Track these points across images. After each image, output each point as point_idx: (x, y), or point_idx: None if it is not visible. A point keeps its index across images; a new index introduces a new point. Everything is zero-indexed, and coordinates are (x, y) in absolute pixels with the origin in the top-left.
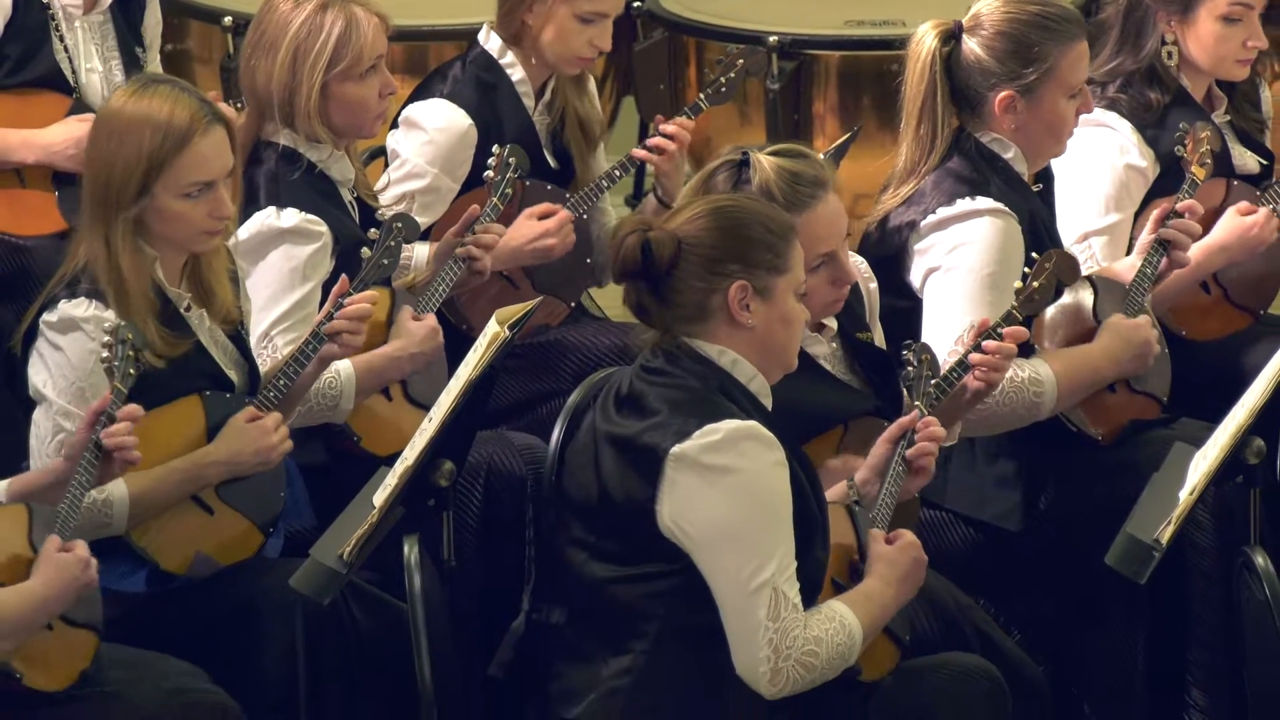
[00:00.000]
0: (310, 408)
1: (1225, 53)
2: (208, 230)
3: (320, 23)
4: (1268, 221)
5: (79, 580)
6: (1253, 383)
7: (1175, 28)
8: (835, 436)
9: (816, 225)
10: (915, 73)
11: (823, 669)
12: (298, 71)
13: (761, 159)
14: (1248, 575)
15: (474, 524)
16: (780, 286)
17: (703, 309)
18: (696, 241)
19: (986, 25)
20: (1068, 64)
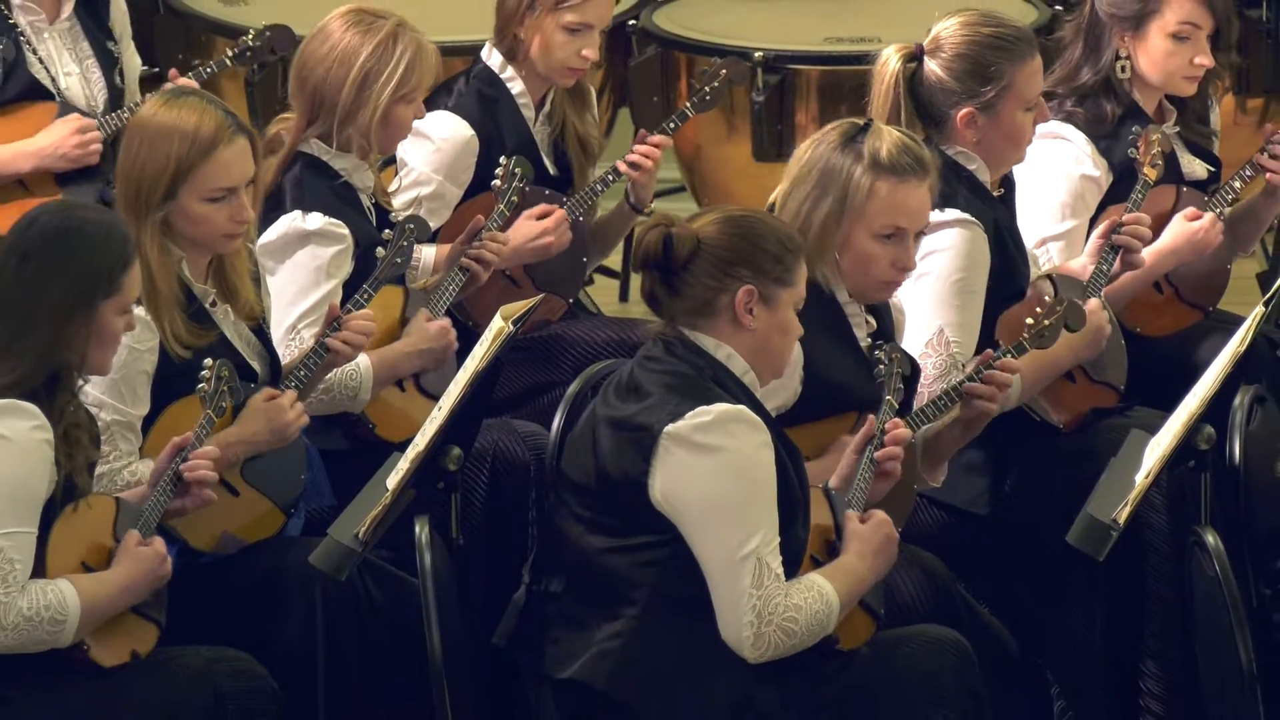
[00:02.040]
0: (332, 397)
1: (1174, 68)
2: (229, 233)
3: (393, 50)
4: (1213, 226)
5: (155, 573)
6: (1203, 374)
7: (1129, 43)
8: (849, 421)
9: (901, 196)
10: (880, 94)
11: (802, 635)
12: (366, 90)
13: (883, 128)
14: (1199, 553)
15: (480, 505)
16: (783, 298)
17: (710, 305)
18: (714, 243)
19: (946, 47)
20: (1023, 80)
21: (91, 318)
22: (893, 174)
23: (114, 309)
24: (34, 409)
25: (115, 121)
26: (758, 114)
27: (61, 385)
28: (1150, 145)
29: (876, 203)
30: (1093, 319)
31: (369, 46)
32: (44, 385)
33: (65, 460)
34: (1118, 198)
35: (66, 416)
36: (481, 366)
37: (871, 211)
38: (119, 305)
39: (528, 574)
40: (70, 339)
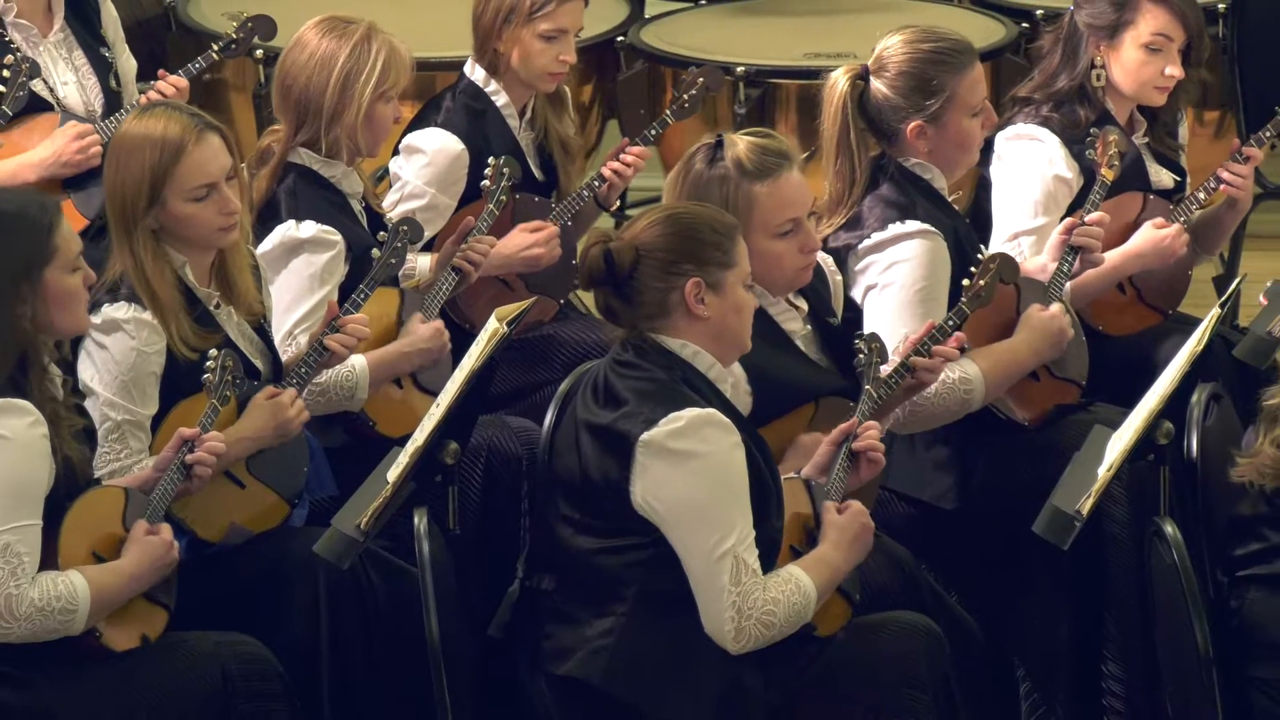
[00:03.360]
0: (330, 398)
1: (1146, 78)
2: (221, 226)
3: (369, 50)
4: (1178, 235)
5: (163, 560)
6: (1162, 372)
7: (1104, 52)
8: (807, 413)
9: (784, 191)
10: (830, 115)
11: (781, 626)
12: (348, 91)
13: (734, 137)
14: (1158, 542)
15: (476, 497)
16: (729, 280)
17: (663, 305)
18: (653, 247)
19: (890, 66)
20: (965, 89)
21: (37, 287)
22: (763, 175)
23: (59, 270)
24: (27, 405)
25: (114, 125)
26: (739, 126)
27: (32, 364)
28: (1108, 146)
29: (761, 207)
30: (1053, 323)
31: (346, 49)
32: (18, 369)
33: (56, 440)
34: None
35: (45, 393)
36: (477, 365)
37: (761, 217)
38: (63, 265)
39: (521, 569)
40: (24, 314)
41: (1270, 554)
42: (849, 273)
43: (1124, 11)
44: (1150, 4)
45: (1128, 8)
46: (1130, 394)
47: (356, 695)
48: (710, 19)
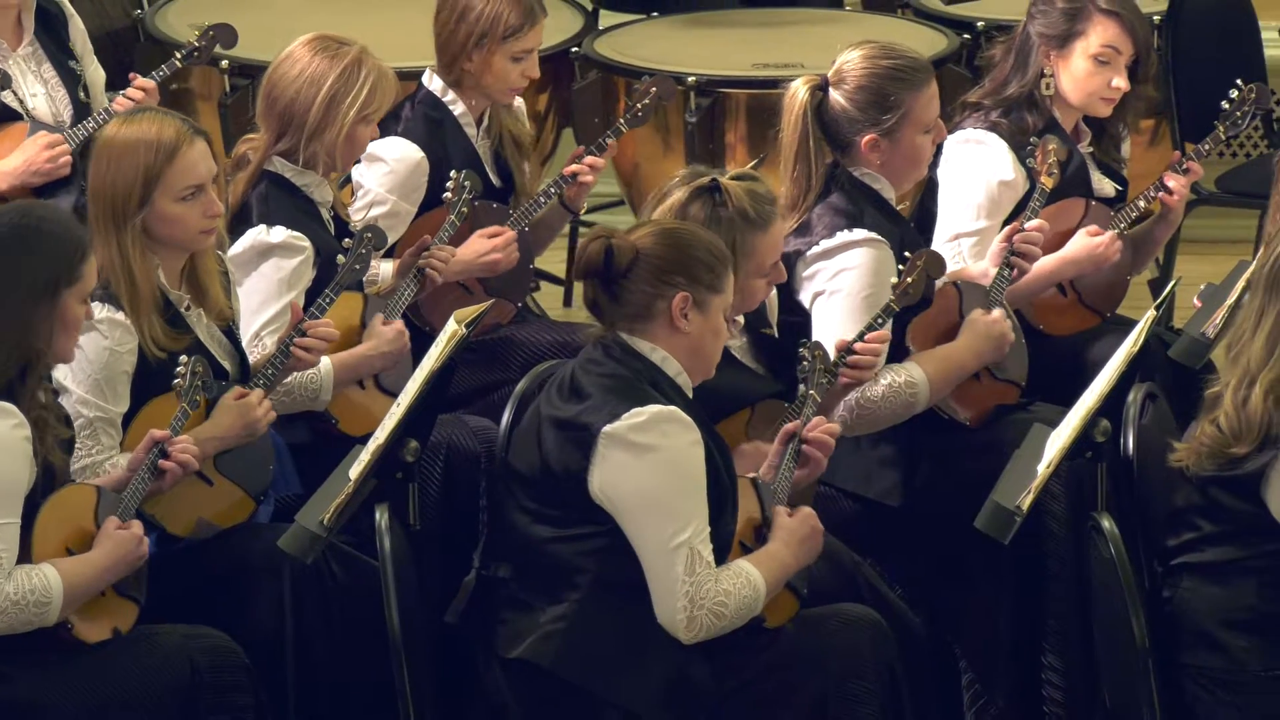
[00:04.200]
0: (295, 398)
1: (1092, 89)
2: (204, 229)
3: (358, 73)
4: (1112, 243)
5: (133, 554)
6: (1100, 373)
7: (1054, 61)
8: (744, 416)
9: (775, 237)
10: (789, 123)
11: (732, 617)
12: (333, 110)
13: (729, 185)
14: (1095, 537)
15: (435, 494)
16: (715, 303)
17: (648, 311)
18: (651, 253)
19: (849, 80)
20: (920, 106)
21: (55, 307)
22: (763, 225)
23: (75, 297)
24: (11, 408)
25: (82, 132)
26: (690, 133)
27: (32, 373)
28: (1047, 155)
29: (760, 252)
30: (995, 327)
31: (336, 70)
32: (18, 376)
33: (40, 446)
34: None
35: (36, 402)
36: (436, 366)
37: (757, 262)
38: (79, 294)
39: (478, 559)
40: (38, 328)
41: (1202, 542)
42: (797, 278)
43: (1075, 22)
44: (1101, 16)
45: (1079, 19)
46: (1069, 393)
47: (320, 684)
48: (662, 31)
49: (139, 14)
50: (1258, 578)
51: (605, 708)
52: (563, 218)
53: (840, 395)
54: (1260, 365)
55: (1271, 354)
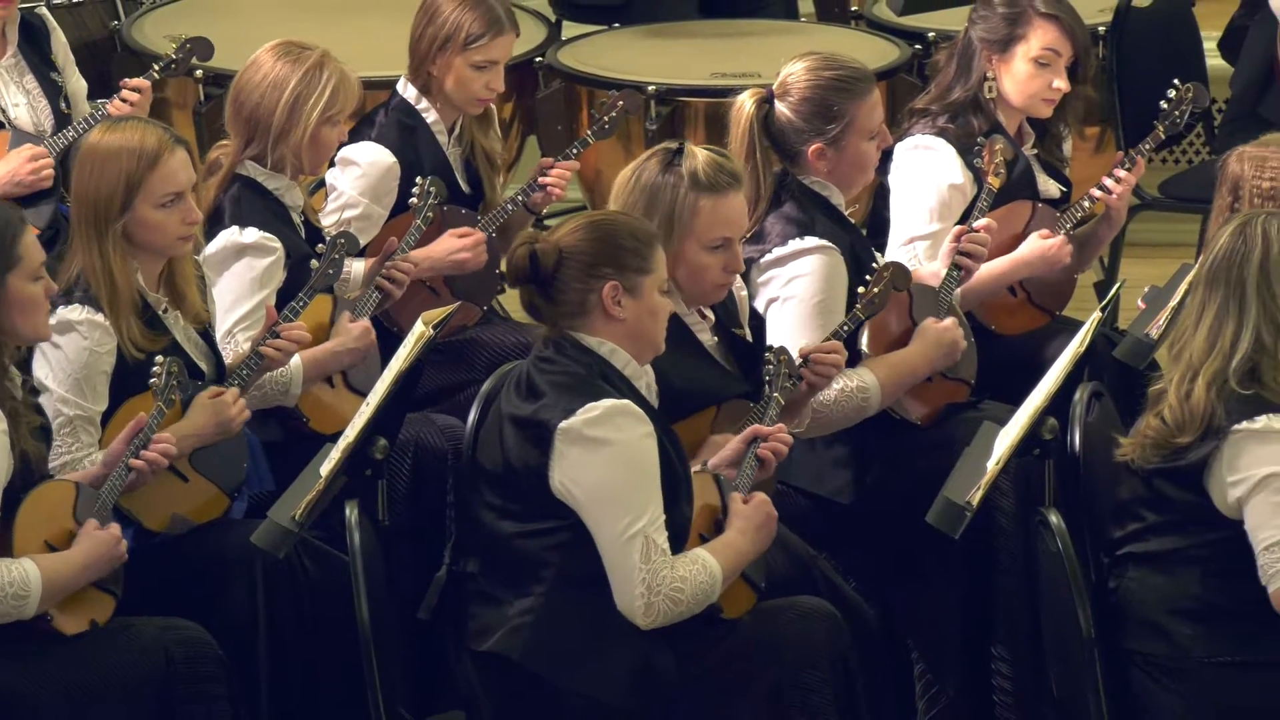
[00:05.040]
0: (265, 393)
1: (1034, 90)
2: (182, 235)
3: (320, 76)
4: (1063, 246)
5: (112, 554)
6: (1047, 372)
7: (996, 65)
8: (710, 414)
9: (724, 210)
10: (737, 135)
11: (688, 603)
12: (297, 113)
13: (695, 149)
14: (1043, 531)
15: (404, 490)
16: (646, 285)
17: (583, 305)
18: (575, 250)
19: (793, 91)
20: (864, 114)
21: (1, 293)
22: (712, 190)
23: (22, 278)
24: None
25: (61, 141)
26: (651, 141)
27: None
28: (994, 155)
29: (703, 218)
30: (946, 334)
31: (299, 74)
32: None
33: (15, 436)
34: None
35: (5, 392)
36: (405, 366)
37: (700, 227)
38: (26, 273)
39: (448, 555)
40: None
41: (1147, 533)
42: (752, 284)
43: (1015, 26)
44: (1041, 20)
45: (1019, 23)
46: (1017, 392)
47: (292, 677)
48: (623, 41)
49: (116, 25)
50: (1201, 566)
51: (572, 697)
52: (526, 220)
53: (805, 399)
54: (1202, 359)
55: (1213, 347)
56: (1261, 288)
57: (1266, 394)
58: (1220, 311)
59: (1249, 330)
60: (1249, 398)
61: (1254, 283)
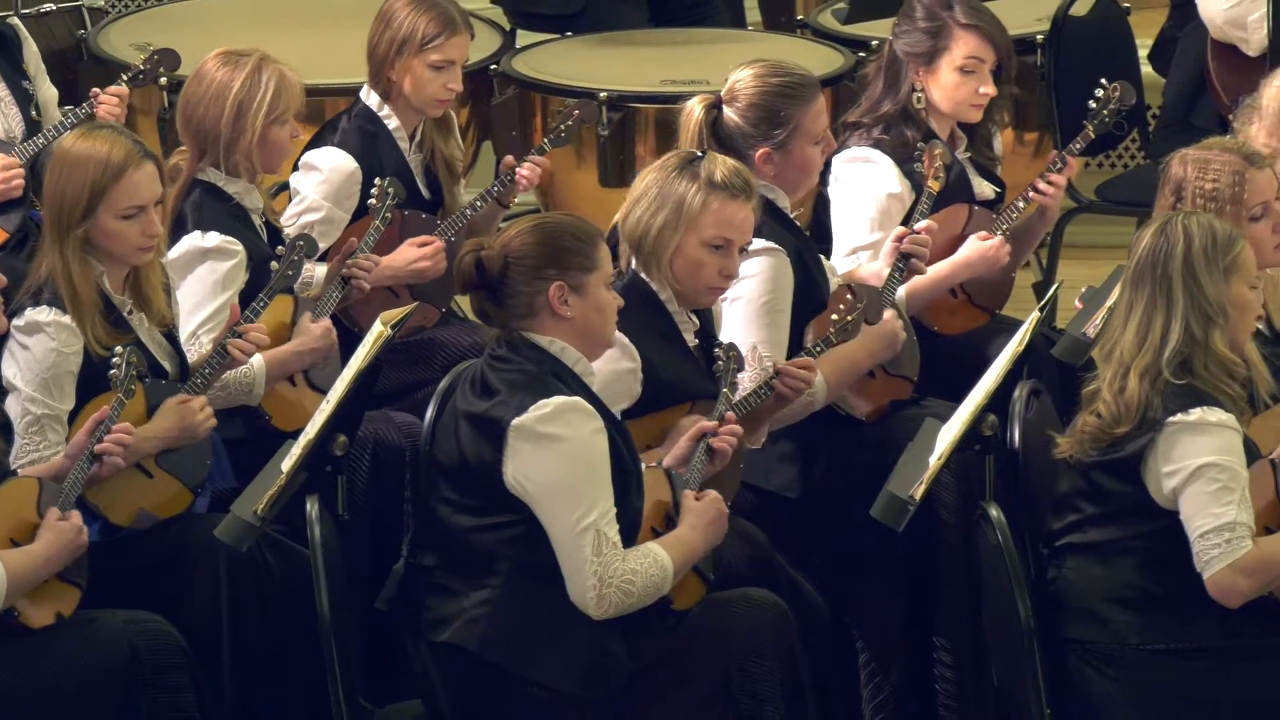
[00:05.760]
0: (229, 394)
1: (962, 98)
2: (142, 246)
3: (259, 79)
4: (1001, 246)
5: (74, 544)
6: (988, 370)
7: (923, 77)
8: (684, 410)
9: (731, 212)
10: (686, 140)
11: (640, 595)
12: (242, 119)
13: (718, 156)
14: (984, 525)
15: (363, 486)
16: (591, 282)
17: (531, 307)
18: (520, 254)
19: (741, 97)
20: (809, 120)
21: None
22: (725, 192)
23: None
24: None
25: (31, 148)
26: (603, 146)
27: None
28: (934, 159)
29: (708, 215)
30: (887, 326)
31: (239, 80)
32: None
33: None
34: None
35: None
36: (364, 365)
37: (704, 223)
38: None
39: (406, 548)
40: None
41: (1085, 524)
42: None
43: (938, 39)
44: (961, 31)
45: (941, 35)
46: (959, 389)
47: (254, 667)
48: (576, 49)
49: (82, 34)
50: (1137, 556)
51: (528, 686)
52: (497, 215)
53: (771, 411)
54: (1133, 355)
55: (1142, 343)
56: (1188, 280)
57: (1199, 384)
58: (1148, 308)
59: (1178, 323)
60: (1182, 389)
61: (1179, 277)
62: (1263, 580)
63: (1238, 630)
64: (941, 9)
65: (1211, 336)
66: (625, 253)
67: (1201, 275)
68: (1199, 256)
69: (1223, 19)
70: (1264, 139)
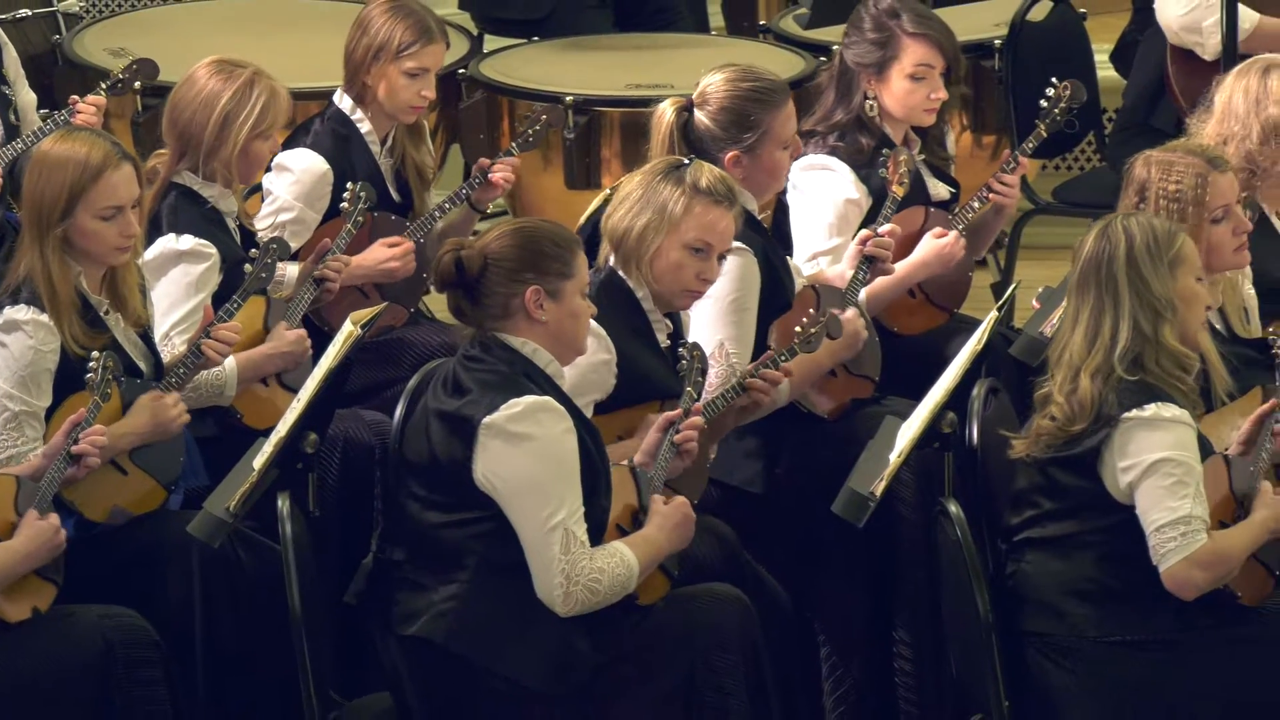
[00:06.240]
0: (201, 395)
1: (915, 104)
2: (119, 247)
3: (249, 93)
4: (956, 242)
5: (51, 543)
6: (947, 369)
7: (874, 86)
8: (653, 408)
9: (713, 217)
10: (658, 142)
11: (606, 593)
12: (226, 129)
13: (704, 164)
14: (943, 520)
15: (333, 483)
16: (567, 289)
17: (506, 308)
18: (500, 256)
19: (712, 101)
20: (779, 125)
21: None
22: (709, 197)
23: None
24: None
25: (10, 152)
26: (569, 149)
27: None
28: (898, 166)
29: (691, 219)
30: (849, 325)
31: (229, 91)
32: None
33: None
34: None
35: None
36: (334, 364)
37: (686, 226)
38: None
39: (375, 544)
40: None
41: (1043, 519)
42: None
43: (887, 49)
44: (909, 39)
45: (890, 45)
46: (918, 388)
47: (227, 661)
48: (542, 54)
49: (57, 39)
50: (1094, 550)
51: (494, 679)
52: (471, 219)
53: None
54: (1082, 357)
55: (1092, 345)
56: (1133, 279)
57: (1151, 380)
58: (1095, 310)
59: (1126, 322)
60: (1136, 384)
61: (1124, 276)
62: (1218, 573)
63: (1193, 623)
64: (889, 18)
65: (1161, 332)
66: (605, 251)
67: (1146, 272)
68: (1142, 254)
69: (1179, 25)
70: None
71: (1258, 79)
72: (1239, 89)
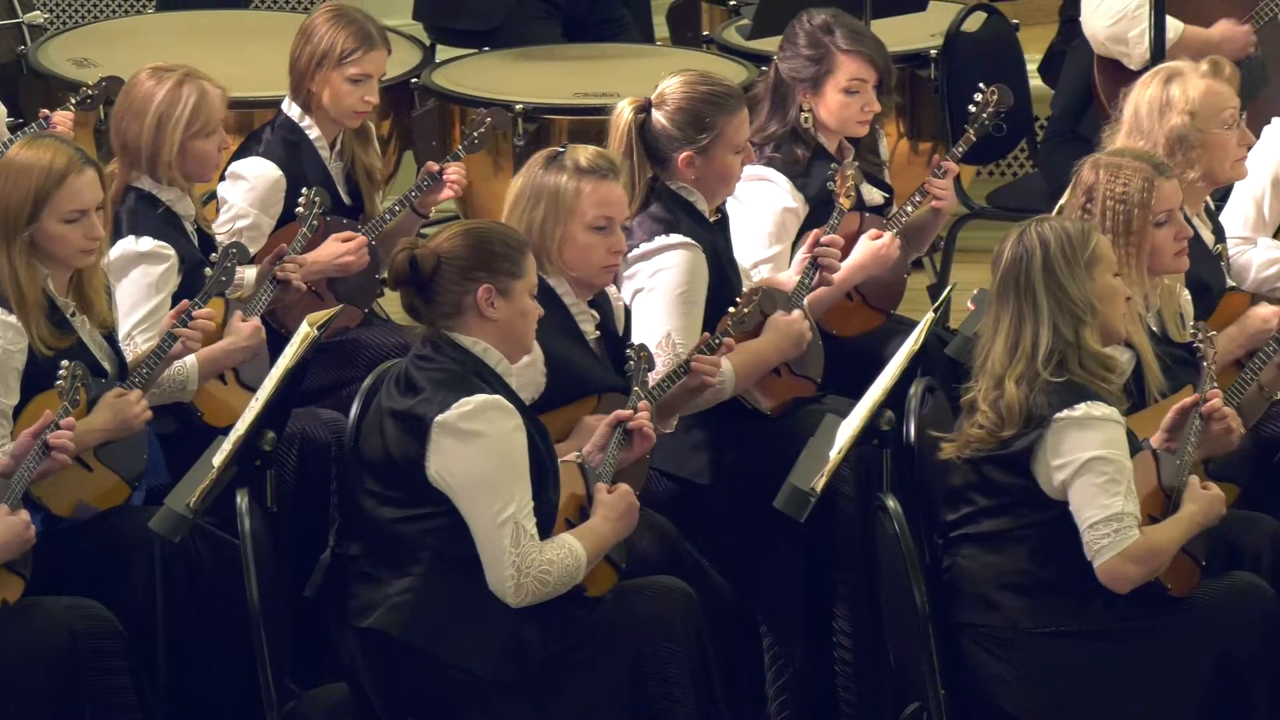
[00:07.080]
0: (163, 390)
1: (849, 116)
2: (84, 249)
3: (179, 94)
4: (892, 243)
5: (22, 538)
6: (885, 368)
7: (809, 99)
8: (591, 403)
9: (606, 193)
10: (616, 139)
11: (555, 584)
12: (161, 132)
13: (579, 146)
14: (881, 515)
15: (291, 480)
16: (517, 288)
17: (458, 306)
18: (452, 255)
19: (669, 102)
20: (732, 129)
21: None
22: (594, 175)
23: None
24: None
25: None
26: (519, 156)
27: None
28: (845, 180)
29: (584, 200)
30: (794, 326)
31: (160, 94)
32: None
33: None
34: (813, 224)
35: None
36: (291, 364)
37: (583, 207)
38: None
39: (332, 539)
40: None
41: (978, 515)
42: (619, 279)
43: (821, 65)
44: (843, 55)
45: (824, 61)
46: (857, 387)
47: (187, 651)
48: (493, 63)
49: (22, 50)
50: (1028, 545)
51: (447, 668)
52: (415, 222)
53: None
54: (1004, 366)
55: (1014, 353)
56: (1050, 284)
57: (1079, 380)
58: (1015, 318)
59: (1046, 327)
60: (1064, 385)
61: (1040, 282)
62: (1150, 567)
63: (1125, 614)
64: (823, 34)
65: (1082, 335)
66: None
67: (1063, 277)
68: (1058, 259)
69: (1105, 35)
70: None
71: (1160, 88)
72: (1144, 99)
